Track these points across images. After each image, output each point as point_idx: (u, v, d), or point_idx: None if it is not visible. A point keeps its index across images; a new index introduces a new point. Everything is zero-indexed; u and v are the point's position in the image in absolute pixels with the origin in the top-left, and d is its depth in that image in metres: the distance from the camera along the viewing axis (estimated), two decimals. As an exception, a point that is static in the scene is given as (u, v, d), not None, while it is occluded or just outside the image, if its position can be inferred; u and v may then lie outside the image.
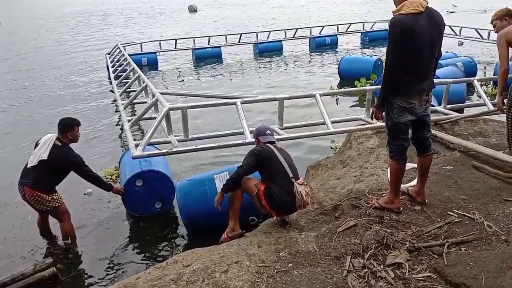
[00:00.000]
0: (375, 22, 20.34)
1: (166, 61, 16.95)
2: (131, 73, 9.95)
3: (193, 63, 16.58)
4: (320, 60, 16.47)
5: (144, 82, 7.65)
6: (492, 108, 6.19)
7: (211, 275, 2.95)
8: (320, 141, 7.37)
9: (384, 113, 3.65)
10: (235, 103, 5.64)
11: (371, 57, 12.84)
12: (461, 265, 2.96)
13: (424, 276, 2.96)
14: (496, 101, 6.81)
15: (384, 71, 3.52)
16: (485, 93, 8.04)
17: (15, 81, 14.50)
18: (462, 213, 3.65)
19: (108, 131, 9.00)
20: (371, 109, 3.81)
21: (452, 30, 16.33)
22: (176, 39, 17.46)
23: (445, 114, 6.27)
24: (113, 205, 5.73)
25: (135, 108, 9.59)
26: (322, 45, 18.63)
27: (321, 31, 19.41)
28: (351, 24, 20.14)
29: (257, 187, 3.72)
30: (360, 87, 10.20)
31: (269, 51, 17.74)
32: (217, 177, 4.90)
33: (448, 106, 6.67)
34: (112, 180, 6.09)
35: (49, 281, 4.17)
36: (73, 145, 4.96)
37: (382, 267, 3.08)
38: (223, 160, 6.66)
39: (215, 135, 6.16)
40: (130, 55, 12.60)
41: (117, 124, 9.32)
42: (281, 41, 18.50)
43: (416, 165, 4.08)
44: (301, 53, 18.02)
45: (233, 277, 2.93)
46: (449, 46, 14.55)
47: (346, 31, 19.86)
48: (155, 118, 6.11)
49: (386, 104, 3.57)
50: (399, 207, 3.75)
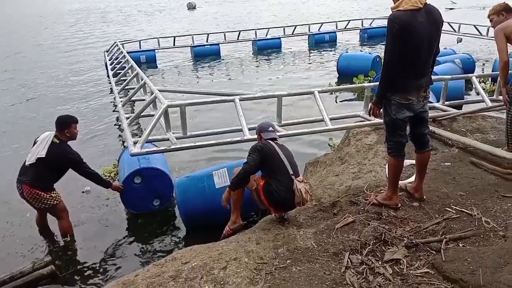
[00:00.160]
0: (374, 19, 20.32)
1: (164, 58, 16.92)
2: (129, 71, 9.94)
3: (192, 61, 16.56)
4: (319, 57, 16.46)
5: (142, 80, 7.64)
6: (490, 105, 6.20)
7: (210, 272, 2.95)
8: (319, 138, 7.37)
9: (382, 109, 3.65)
10: (233, 100, 5.64)
11: (370, 54, 12.84)
12: (459, 261, 2.97)
13: (422, 272, 2.97)
14: (495, 96, 6.85)
15: (382, 67, 3.52)
16: (484, 89, 8.04)
17: (12, 79, 14.47)
18: (460, 209, 3.66)
19: (106, 128, 8.99)
20: (369, 106, 3.81)
21: (451, 27, 16.32)
22: (175, 37, 17.44)
23: (444, 111, 6.27)
24: (112, 202, 5.72)
25: (134, 106, 9.58)
26: (321, 42, 18.63)
27: (320, 28, 19.40)
28: (350, 21, 20.13)
29: (256, 182, 3.72)
30: (359, 84, 10.19)
31: (268, 48, 17.73)
32: (215, 173, 4.90)
33: (446, 103, 6.68)
34: (111, 178, 6.09)
35: (48, 279, 4.18)
36: (71, 143, 4.96)
37: (380, 263, 3.08)
38: (222, 157, 6.66)
39: (213, 132, 6.15)
40: (128, 52, 12.59)
41: (116, 123, 9.30)
42: (280, 38, 18.49)
43: (414, 161, 4.09)
44: (300, 50, 18.01)
45: (232, 273, 2.93)
46: (448, 43, 14.55)
47: (345, 28, 19.85)
48: (153, 115, 6.10)
49: (384, 100, 3.57)
50: (397, 203, 3.76)
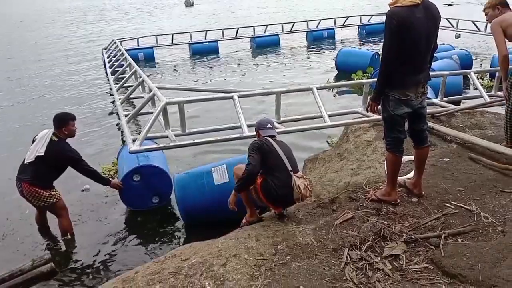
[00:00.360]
0: (372, 15, 20.31)
1: (162, 56, 16.89)
2: (127, 68, 9.92)
3: (190, 58, 16.54)
4: (317, 53, 16.45)
5: (141, 77, 7.63)
6: (488, 100, 6.21)
7: (210, 269, 2.95)
8: (318, 135, 7.37)
9: (380, 106, 3.65)
10: (232, 97, 5.64)
11: (368, 50, 12.85)
12: (457, 256, 2.98)
13: (421, 267, 2.98)
14: (493, 92, 6.86)
15: (381, 63, 3.52)
16: (482, 85, 8.04)
17: (12, 76, 14.45)
18: (459, 204, 3.66)
19: (105, 126, 8.98)
20: (368, 102, 3.81)
21: (449, 23, 16.33)
22: (173, 34, 17.40)
23: (442, 107, 6.28)
24: (111, 200, 5.73)
25: (132, 102, 9.57)
26: (319, 38, 18.62)
27: (318, 24, 19.38)
28: (348, 17, 20.10)
29: (254, 179, 3.71)
30: (357, 80, 10.20)
31: (266, 45, 17.70)
32: (214, 169, 4.91)
33: (445, 99, 6.68)
34: (110, 176, 6.09)
35: (48, 276, 4.18)
36: (70, 141, 4.96)
37: (379, 258, 3.09)
38: (221, 154, 6.66)
39: (212, 129, 6.15)
40: (126, 50, 12.58)
41: (114, 120, 9.30)
42: (278, 35, 18.45)
43: (413, 157, 4.09)
44: (298, 46, 17.99)
45: (232, 270, 2.94)
46: (446, 39, 14.54)
47: (343, 25, 19.83)
48: (152, 113, 6.11)
49: (382, 96, 3.57)
50: (396, 199, 3.76)
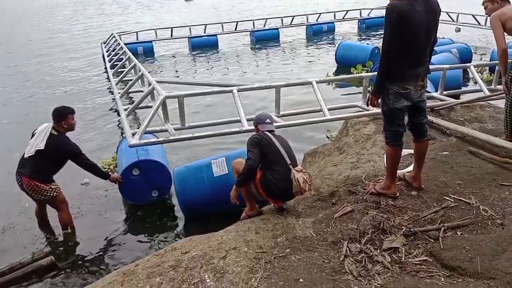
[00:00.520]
0: (372, 9, 20.24)
1: (162, 50, 16.84)
2: (127, 62, 9.90)
3: (190, 52, 16.49)
4: (317, 47, 16.41)
5: (140, 71, 7.62)
6: (488, 94, 6.20)
7: (210, 261, 2.96)
8: (317, 128, 7.37)
9: (380, 99, 3.65)
10: (231, 91, 5.63)
11: (368, 44, 12.82)
12: (457, 248, 2.99)
13: (420, 260, 2.99)
14: (493, 86, 6.85)
15: (381, 57, 3.51)
16: (481, 79, 8.03)
17: (12, 71, 14.42)
18: (458, 197, 3.67)
19: (104, 120, 8.97)
20: (368, 96, 3.81)
21: (449, 17, 16.28)
22: (172, 28, 17.34)
23: (442, 100, 6.27)
24: (111, 194, 5.74)
25: (132, 97, 9.56)
26: (319, 32, 18.57)
27: (318, 18, 19.32)
28: (348, 11, 20.03)
29: (253, 174, 3.72)
30: (357, 74, 10.17)
31: (265, 39, 17.64)
32: (214, 162, 4.94)
33: (444, 92, 6.67)
34: (110, 170, 6.08)
35: (48, 269, 4.20)
36: (70, 135, 4.95)
37: (378, 251, 3.10)
38: (220, 148, 6.65)
39: (212, 123, 6.15)
40: (125, 44, 12.52)
41: (114, 114, 9.28)
42: (277, 28, 18.40)
43: (412, 151, 4.09)
44: (298, 40, 17.95)
45: (232, 263, 2.95)
46: (446, 32, 14.50)
47: (343, 18, 19.77)
48: (151, 107, 6.10)
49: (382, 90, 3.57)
50: (395, 192, 3.77)
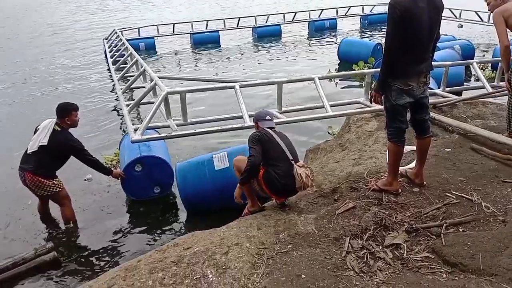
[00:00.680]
0: (374, 5, 20.17)
1: (164, 46, 16.83)
2: (129, 58, 9.89)
3: (191, 48, 16.48)
4: (319, 43, 16.38)
5: (142, 67, 7.61)
6: (490, 90, 6.19)
7: (212, 257, 2.97)
8: (319, 125, 7.37)
9: (383, 96, 3.65)
10: (233, 87, 5.62)
11: (370, 41, 12.80)
12: (459, 245, 2.99)
13: (422, 257, 2.99)
14: (495, 83, 6.83)
15: (383, 53, 3.51)
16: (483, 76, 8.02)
17: (13, 66, 14.44)
18: (460, 194, 3.67)
19: (106, 116, 8.99)
20: (370, 92, 3.80)
21: (452, 13, 16.22)
22: (174, 24, 17.32)
23: (444, 97, 6.26)
24: (113, 190, 5.75)
25: (134, 93, 9.55)
26: (321, 28, 18.53)
27: (320, 14, 19.27)
28: (350, 7, 19.98)
29: (256, 171, 3.72)
30: (359, 70, 10.16)
31: (268, 35, 17.62)
32: (215, 156, 4.97)
33: (447, 89, 6.66)
34: (112, 166, 6.10)
35: (50, 265, 4.21)
36: (72, 131, 4.96)
37: (380, 248, 3.11)
38: (222, 144, 6.66)
39: (214, 119, 6.15)
40: (127, 40, 12.51)
41: (116, 110, 9.30)
42: (280, 25, 18.36)
43: (414, 147, 4.09)
44: (300, 37, 17.92)
45: (234, 258, 2.96)
46: (449, 29, 14.46)
47: (346, 15, 19.72)
48: (153, 102, 6.10)
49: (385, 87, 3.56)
50: (397, 189, 3.77)
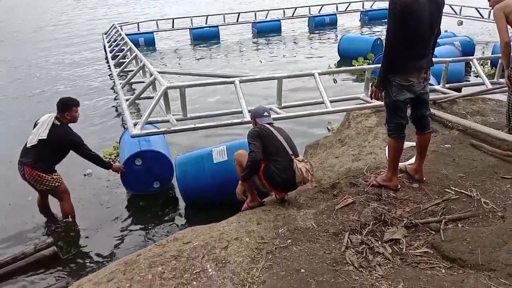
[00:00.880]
0: (374, 1, 20.11)
1: (163, 41, 16.78)
2: (128, 53, 9.87)
3: (191, 43, 16.44)
4: (319, 39, 16.35)
5: (141, 62, 7.60)
6: (490, 87, 6.19)
7: (211, 251, 2.98)
8: (319, 120, 7.37)
9: (383, 92, 3.64)
10: (233, 82, 5.62)
11: (370, 36, 12.78)
12: (458, 240, 3.01)
13: (421, 252, 3.00)
14: (495, 79, 6.84)
15: (384, 49, 3.50)
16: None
17: (13, 61, 14.40)
18: (460, 190, 3.68)
19: (106, 111, 8.97)
20: (370, 88, 3.80)
21: (452, 9, 16.19)
22: (174, 19, 17.27)
23: (444, 93, 6.26)
24: (113, 184, 5.75)
25: (133, 88, 9.54)
26: (321, 24, 18.49)
27: (320, 10, 19.22)
28: (350, 3, 19.92)
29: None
30: (358, 66, 10.14)
31: (267, 30, 17.58)
32: (214, 150, 4.99)
33: (446, 85, 6.66)
34: (111, 160, 6.09)
35: (50, 260, 4.21)
36: (72, 126, 4.95)
37: (380, 243, 3.12)
38: (222, 139, 6.63)
39: (213, 114, 6.15)
40: (127, 35, 12.48)
41: (115, 105, 9.28)
42: (279, 20, 18.32)
43: (414, 143, 4.10)
44: (300, 32, 17.88)
45: (233, 253, 2.97)
46: (449, 25, 14.43)
47: (346, 10, 19.67)
48: (153, 97, 6.09)
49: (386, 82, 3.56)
50: (397, 184, 3.78)
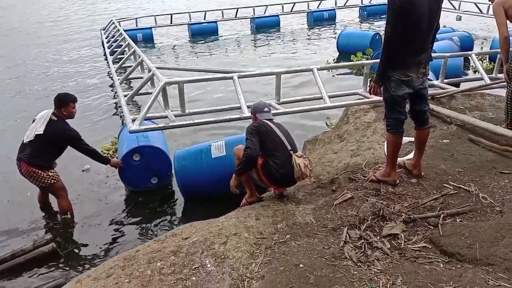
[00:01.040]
0: (373, -4, 20.08)
1: (161, 36, 16.73)
2: (126, 49, 9.84)
3: (189, 39, 16.39)
4: (318, 35, 16.31)
5: (139, 57, 7.58)
6: (489, 82, 6.19)
7: (210, 247, 2.99)
8: (318, 116, 7.36)
9: (382, 87, 3.64)
10: (232, 77, 5.61)
11: (368, 31, 12.77)
12: (456, 235, 3.01)
13: (420, 246, 3.01)
14: (494, 74, 6.83)
15: (383, 44, 3.50)
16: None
17: (9, 58, 14.35)
18: (458, 185, 3.68)
19: (104, 107, 8.97)
20: (369, 84, 3.79)
21: (451, 4, 16.16)
22: (172, 14, 17.21)
23: (443, 88, 6.26)
24: (111, 180, 5.75)
25: (131, 84, 9.52)
26: (320, 19, 18.44)
27: (319, 5, 19.16)
28: (349, -3, 19.88)
29: (255, 161, 3.72)
30: (357, 61, 10.12)
31: (266, 26, 17.53)
32: (213, 145, 5.01)
33: (445, 80, 6.66)
34: (109, 155, 6.08)
35: (49, 256, 4.21)
36: (70, 122, 4.93)
37: (378, 238, 3.13)
38: (220, 135, 6.63)
39: (212, 110, 6.14)
40: (125, 30, 12.44)
41: (114, 101, 9.26)
42: (278, 15, 18.27)
43: (412, 138, 4.10)
44: (298, 28, 17.84)
45: (232, 248, 2.97)
46: (448, 20, 14.40)
47: (345, 5, 19.62)
48: (151, 93, 6.08)
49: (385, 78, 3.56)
50: (395, 179, 3.78)
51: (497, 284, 2.52)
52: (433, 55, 3.77)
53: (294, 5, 18.78)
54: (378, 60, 3.58)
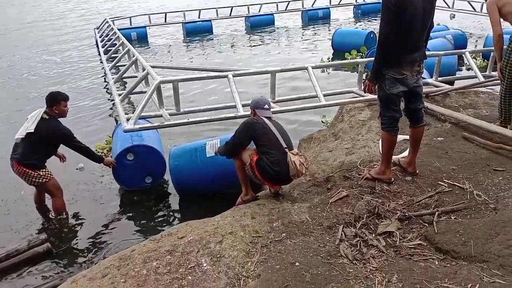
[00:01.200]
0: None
1: (156, 35, 16.67)
2: (120, 47, 9.80)
3: (184, 37, 16.35)
4: (313, 33, 16.32)
5: (134, 56, 7.55)
6: (482, 80, 6.22)
7: (206, 246, 2.98)
8: (312, 114, 7.37)
9: (376, 85, 3.65)
10: (226, 76, 5.60)
11: (363, 30, 12.79)
12: (451, 232, 3.03)
13: (415, 244, 3.03)
14: (487, 72, 6.87)
15: (378, 42, 3.50)
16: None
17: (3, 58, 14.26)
18: (452, 183, 3.70)
19: (98, 106, 8.91)
20: (363, 82, 3.80)
21: (445, 3, 16.22)
22: (166, 13, 17.15)
23: (437, 86, 6.29)
24: (106, 179, 5.72)
25: (126, 83, 9.48)
26: (315, 18, 18.44)
27: (313, 4, 19.17)
28: (343, -4, 19.91)
29: (250, 157, 3.72)
30: (351, 59, 10.14)
31: (261, 24, 17.51)
32: (208, 143, 5.03)
33: (439, 78, 6.69)
34: (104, 154, 6.06)
35: (44, 256, 4.19)
36: (64, 121, 4.91)
37: (373, 235, 3.13)
38: (215, 134, 6.60)
39: (207, 109, 6.14)
40: (119, 29, 12.39)
41: (108, 100, 9.22)
42: (273, 14, 18.26)
43: (407, 136, 4.11)
44: (293, 26, 17.84)
45: (228, 247, 2.97)
46: (442, 18, 14.45)
47: (339, 4, 19.64)
48: (146, 92, 6.06)
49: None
50: (390, 177, 3.79)
51: (491, 280, 2.53)
52: (427, 53, 3.78)
53: (288, 3, 18.78)
54: (373, 59, 3.59)
